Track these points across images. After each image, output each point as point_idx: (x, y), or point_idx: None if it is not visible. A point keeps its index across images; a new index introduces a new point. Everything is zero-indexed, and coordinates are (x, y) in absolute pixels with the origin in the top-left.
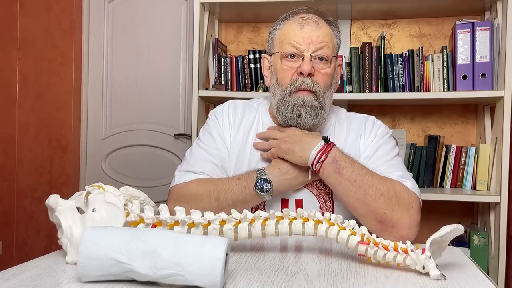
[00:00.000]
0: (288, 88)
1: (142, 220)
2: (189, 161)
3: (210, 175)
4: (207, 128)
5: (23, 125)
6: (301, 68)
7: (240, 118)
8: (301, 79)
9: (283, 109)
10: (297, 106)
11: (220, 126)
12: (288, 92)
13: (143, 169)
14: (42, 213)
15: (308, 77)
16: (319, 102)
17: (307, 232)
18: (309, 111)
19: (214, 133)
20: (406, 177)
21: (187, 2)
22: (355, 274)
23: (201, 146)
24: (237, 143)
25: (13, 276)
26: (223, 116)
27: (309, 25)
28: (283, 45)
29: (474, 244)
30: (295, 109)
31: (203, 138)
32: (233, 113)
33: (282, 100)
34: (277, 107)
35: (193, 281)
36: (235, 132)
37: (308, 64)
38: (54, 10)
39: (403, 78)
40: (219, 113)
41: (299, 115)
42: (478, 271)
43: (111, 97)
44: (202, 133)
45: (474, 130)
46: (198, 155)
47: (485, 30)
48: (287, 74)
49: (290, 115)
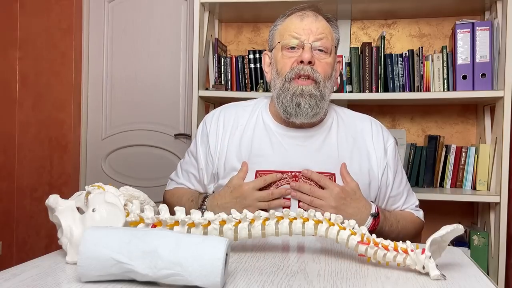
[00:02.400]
0: (287, 75)
1: (142, 220)
2: (177, 170)
3: (189, 187)
4: (195, 137)
5: (23, 125)
6: (301, 57)
7: (234, 121)
8: (301, 66)
9: (283, 97)
10: (296, 95)
11: (207, 132)
12: (287, 79)
13: (143, 169)
14: (42, 213)
15: (309, 65)
16: (319, 90)
17: (307, 232)
18: (309, 100)
19: (199, 142)
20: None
21: (187, 2)
22: (355, 274)
23: (188, 154)
24: (235, 144)
25: (13, 276)
26: (212, 122)
27: (308, 17)
28: (284, 37)
29: (474, 244)
30: (294, 98)
31: (191, 147)
32: (224, 118)
33: (282, 89)
34: (277, 96)
35: (193, 281)
36: (231, 134)
37: (308, 52)
38: (54, 10)
39: (403, 78)
40: (209, 119)
41: (298, 105)
42: (478, 271)
43: (111, 97)
44: (192, 141)
45: (474, 130)
46: (185, 164)
47: (485, 30)
48: (287, 63)
49: (289, 103)
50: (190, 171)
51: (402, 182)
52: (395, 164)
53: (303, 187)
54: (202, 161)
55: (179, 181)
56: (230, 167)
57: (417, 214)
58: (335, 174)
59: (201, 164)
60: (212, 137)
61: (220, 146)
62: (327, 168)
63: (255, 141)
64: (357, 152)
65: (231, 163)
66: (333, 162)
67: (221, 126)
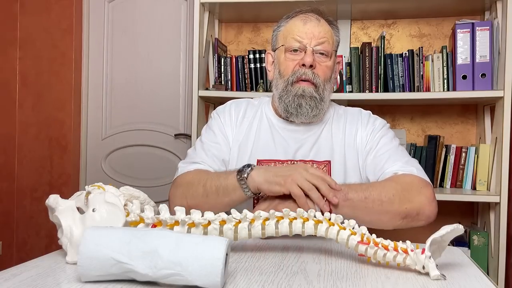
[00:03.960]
0: (290, 78)
1: (142, 220)
2: (191, 155)
3: (211, 166)
4: (209, 125)
5: (23, 125)
6: (303, 60)
7: (242, 115)
8: (303, 70)
9: (285, 98)
10: (298, 96)
11: (222, 123)
12: (290, 82)
13: (143, 169)
14: (42, 213)
15: (310, 69)
16: (319, 93)
17: (307, 232)
18: (309, 101)
19: (216, 129)
20: (411, 164)
21: (187, 2)
22: (355, 274)
23: (203, 141)
24: (240, 134)
25: (13, 276)
26: (225, 114)
27: (311, 22)
28: (287, 40)
29: (474, 244)
30: (296, 98)
31: (205, 134)
32: (234, 111)
33: (284, 90)
34: (279, 97)
35: (193, 281)
36: (237, 128)
37: (310, 56)
38: (54, 10)
39: (403, 78)
40: (221, 111)
41: (300, 105)
42: (478, 271)
43: (111, 97)
44: (204, 130)
45: (474, 130)
46: (201, 149)
47: (485, 30)
48: (289, 65)
49: (291, 103)
50: (211, 152)
51: (387, 146)
52: (381, 136)
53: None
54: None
55: (199, 160)
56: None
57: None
58: (330, 161)
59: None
60: (227, 126)
61: (232, 136)
62: (323, 157)
63: (258, 133)
64: (348, 139)
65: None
66: (328, 151)
67: (233, 118)
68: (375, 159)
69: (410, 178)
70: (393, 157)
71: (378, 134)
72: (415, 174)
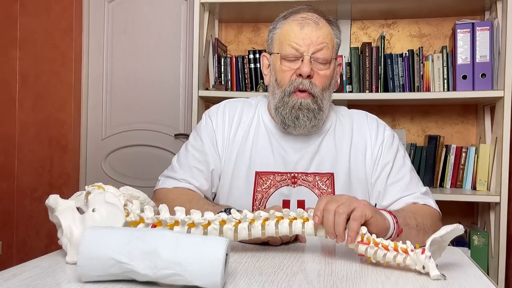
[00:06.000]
0: (287, 89)
1: (142, 220)
2: (174, 166)
3: (191, 183)
4: (198, 130)
5: (23, 125)
6: (300, 70)
7: (238, 117)
8: (300, 80)
9: (282, 109)
10: (295, 108)
11: (213, 129)
12: (287, 93)
13: (143, 169)
14: (42, 213)
15: (307, 79)
16: (317, 104)
17: (307, 232)
18: (307, 113)
19: (204, 137)
20: (426, 193)
21: (187, 2)
22: (355, 274)
23: (188, 150)
24: (236, 141)
25: (13, 276)
26: (218, 117)
27: (309, 26)
28: (283, 46)
29: (474, 244)
30: (293, 111)
31: (192, 141)
32: (229, 113)
33: (281, 101)
34: (276, 108)
35: (193, 281)
36: (234, 131)
37: (307, 65)
38: (54, 10)
39: (403, 78)
40: (214, 113)
41: (297, 117)
42: (478, 271)
43: (111, 97)
44: (192, 136)
45: (474, 130)
46: (185, 160)
47: (485, 30)
48: (286, 75)
49: (288, 116)
50: (194, 166)
51: (402, 170)
52: (394, 152)
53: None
54: (209, 154)
55: (179, 177)
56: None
57: (424, 201)
58: (333, 173)
59: (208, 157)
60: (219, 133)
61: (225, 142)
62: (326, 168)
63: (255, 142)
64: (354, 150)
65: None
66: (331, 162)
67: (227, 122)
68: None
69: (436, 214)
70: (410, 185)
71: (391, 151)
72: (433, 207)
